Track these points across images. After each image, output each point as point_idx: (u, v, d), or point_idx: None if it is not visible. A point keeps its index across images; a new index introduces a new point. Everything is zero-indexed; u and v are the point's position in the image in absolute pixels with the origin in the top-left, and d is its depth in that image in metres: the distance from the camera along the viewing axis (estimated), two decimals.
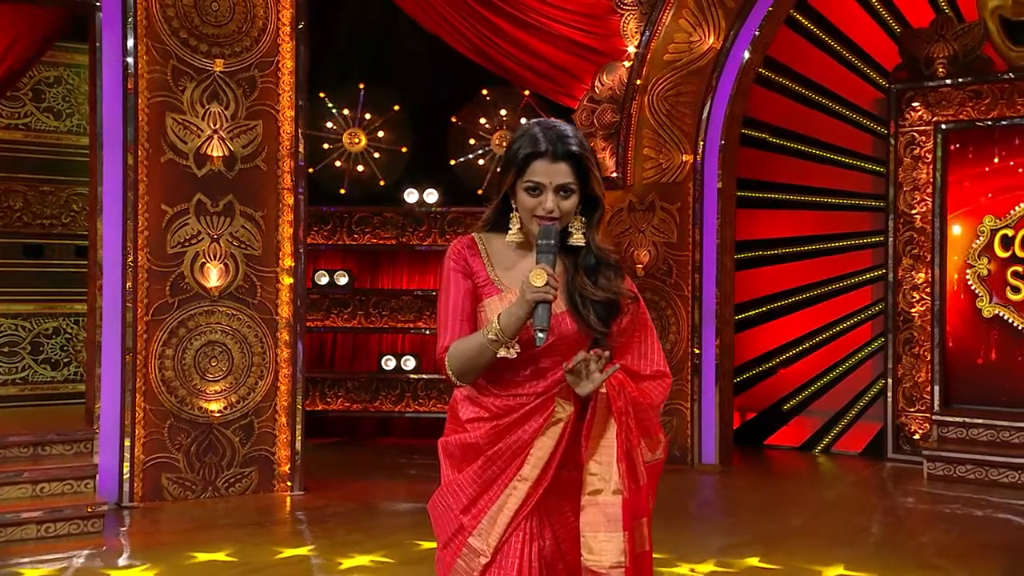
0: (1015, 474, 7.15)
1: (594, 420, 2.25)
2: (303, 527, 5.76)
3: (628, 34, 7.87)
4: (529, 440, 2.27)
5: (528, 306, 2.16)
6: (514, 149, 2.31)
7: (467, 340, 2.28)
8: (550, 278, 2.15)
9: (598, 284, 2.32)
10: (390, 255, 8.88)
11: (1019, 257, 7.76)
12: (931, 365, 7.95)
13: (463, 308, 2.34)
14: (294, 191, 6.66)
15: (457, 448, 2.34)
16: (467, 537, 2.28)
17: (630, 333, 2.38)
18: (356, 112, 8.70)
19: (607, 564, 2.21)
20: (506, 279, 2.33)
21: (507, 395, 2.30)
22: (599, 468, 2.25)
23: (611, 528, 2.22)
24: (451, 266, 2.38)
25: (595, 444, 2.25)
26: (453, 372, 2.29)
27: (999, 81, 7.75)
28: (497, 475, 2.28)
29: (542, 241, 2.23)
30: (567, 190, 2.26)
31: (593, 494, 2.24)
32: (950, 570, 5.00)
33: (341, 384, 8.60)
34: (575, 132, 2.32)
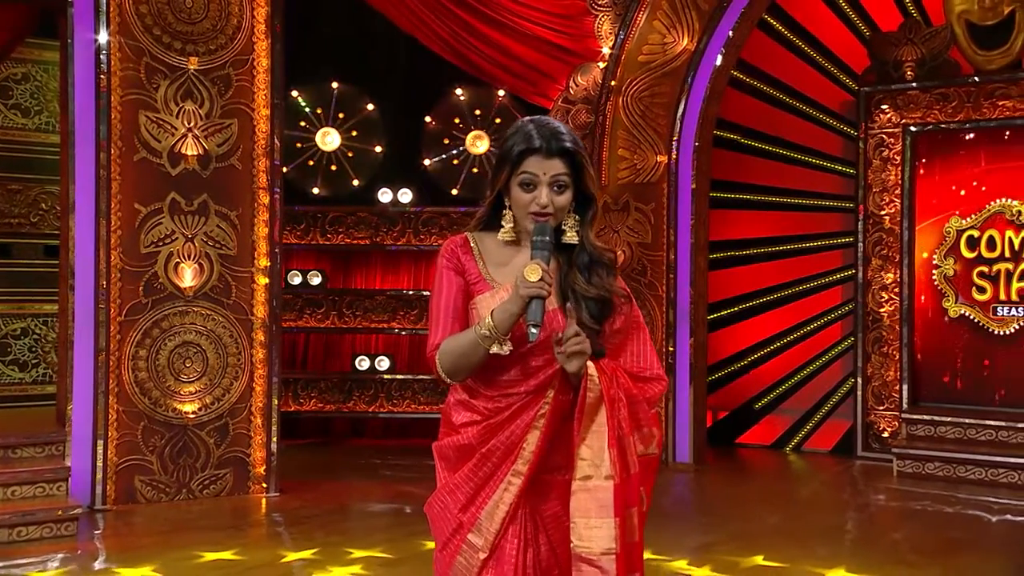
0: (982, 471, 7.26)
1: (584, 403, 2.22)
2: (281, 529, 5.71)
3: (602, 35, 7.89)
4: (521, 435, 2.26)
5: (522, 301, 2.15)
6: (508, 146, 2.30)
7: (459, 337, 2.26)
8: (544, 273, 2.14)
9: (591, 282, 2.31)
10: (363, 255, 8.83)
11: (985, 258, 7.89)
12: (899, 364, 8.06)
13: (455, 306, 2.33)
14: (270, 191, 6.59)
15: (452, 450, 2.34)
16: (466, 534, 2.28)
17: (624, 334, 2.37)
18: (329, 111, 8.63)
19: (598, 550, 2.18)
20: (498, 276, 2.31)
21: (499, 395, 2.29)
22: (590, 453, 2.22)
23: (602, 514, 2.19)
24: (444, 264, 2.37)
25: (586, 429, 2.23)
26: (444, 369, 2.28)
27: (965, 84, 7.87)
28: (492, 472, 2.28)
29: (536, 237, 2.22)
30: (561, 185, 2.26)
31: (584, 479, 2.22)
32: (924, 566, 5.07)
33: (314, 385, 8.53)
34: (568, 129, 2.32)
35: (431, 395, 8.44)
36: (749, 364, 8.75)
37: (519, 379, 2.28)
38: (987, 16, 7.80)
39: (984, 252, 7.90)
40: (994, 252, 7.87)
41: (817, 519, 6.15)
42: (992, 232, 7.87)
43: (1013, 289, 7.80)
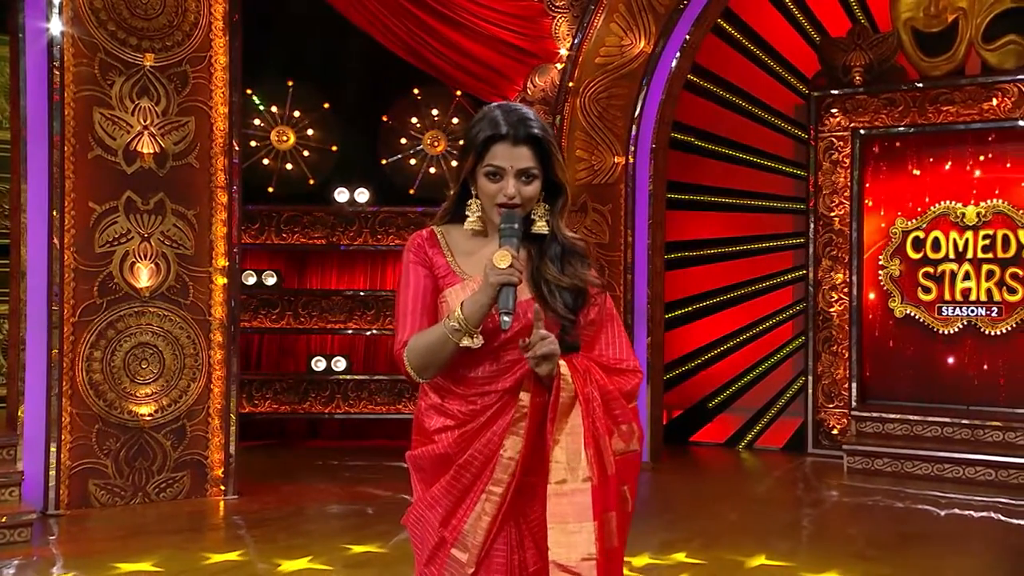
0: (928, 466, 7.44)
1: (558, 404, 2.13)
2: (242, 532, 5.61)
3: (560, 36, 7.91)
4: (499, 442, 2.16)
5: (492, 290, 2.06)
6: (474, 133, 2.22)
7: (427, 332, 2.17)
8: (515, 260, 2.06)
9: (565, 272, 2.22)
10: (319, 255, 8.74)
11: (930, 259, 8.09)
12: (849, 363, 8.22)
13: (423, 301, 2.24)
14: (228, 190, 6.49)
15: (427, 461, 2.24)
16: (450, 549, 2.20)
17: (599, 325, 2.29)
18: (284, 109, 8.53)
19: (577, 557, 2.08)
20: (468, 267, 2.23)
21: (474, 395, 2.20)
22: (564, 455, 2.13)
23: (580, 518, 2.10)
24: (410, 259, 2.28)
25: (560, 430, 2.14)
26: (412, 367, 2.18)
27: (911, 90, 8.05)
28: (471, 483, 2.19)
29: (504, 225, 2.13)
30: (529, 175, 2.18)
31: (559, 483, 2.12)
32: (881, 560, 5.18)
33: (269, 386, 8.43)
34: (536, 116, 2.24)
35: (388, 395, 8.40)
36: (703, 363, 8.85)
37: (493, 376, 2.20)
38: (932, 23, 7.99)
39: (929, 253, 8.10)
40: (939, 253, 8.07)
41: (775, 515, 6.24)
42: (937, 233, 8.07)
43: (957, 289, 8.01)
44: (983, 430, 7.50)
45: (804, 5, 8.48)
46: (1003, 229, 7.86)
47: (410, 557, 4.99)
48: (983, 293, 7.94)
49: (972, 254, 7.96)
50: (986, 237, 7.92)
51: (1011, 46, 7.74)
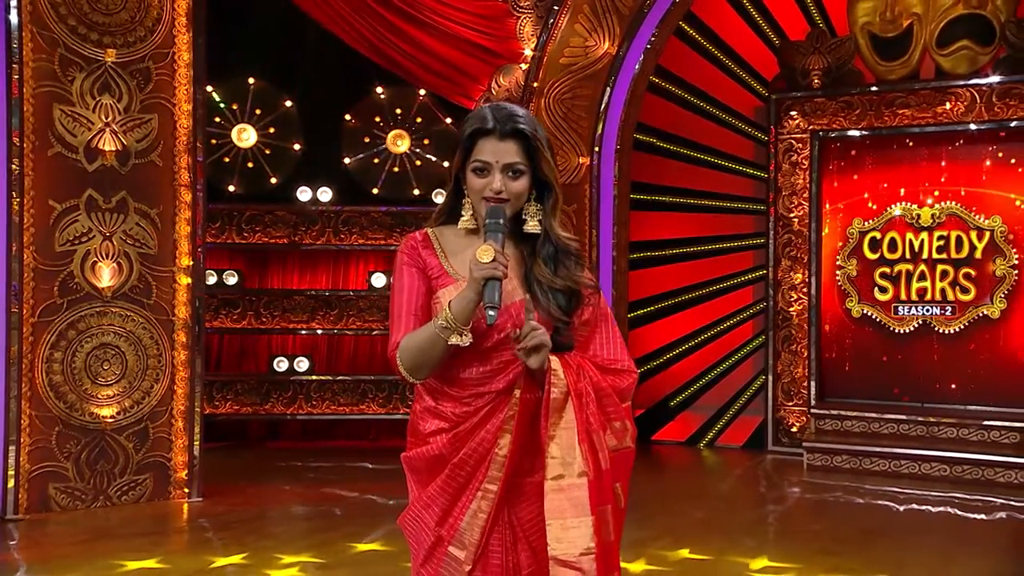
0: (886, 463, 7.59)
1: (550, 399, 2.13)
2: (210, 535, 5.55)
3: (524, 37, 7.94)
4: (493, 440, 2.17)
5: (477, 285, 2.05)
6: (463, 128, 2.24)
7: (418, 332, 2.16)
8: (498, 254, 2.05)
9: (558, 273, 2.22)
10: (280, 254, 8.67)
11: (887, 259, 8.26)
12: (808, 361, 8.36)
13: (417, 303, 2.23)
14: (192, 188, 6.41)
15: (422, 462, 2.25)
16: (447, 547, 2.20)
17: (592, 326, 2.29)
18: (245, 107, 8.44)
19: (576, 551, 2.08)
20: (460, 267, 2.21)
21: (468, 396, 2.20)
22: (560, 451, 2.13)
23: (578, 513, 2.10)
24: (403, 260, 2.27)
25: (554, 426, 2.14)
26: (405, 367, 2.18)
27: (868, 93, 8.21)
28: (466, 482, 2.19)
29: (489, 220, 2.13)
30: (516, 171, 2.18)
31: (556, 479, 2.12)
32: (846, 555, 5.27)
33: (230, 387, 8.33)
34: (526, 113, 2.24)
35: (351, 396, 8.35)
36: (664, 362, 8.94)
37: (487, 377, 2.20)
38: (888, 28, 8.16)
39: (886, 253, 8.27)
40: (895, 253, 8.24)
41: (740, 512, 6.33)
42: (893, 234, 8.24)
43: (913, 289, 8.19)
44: (937, 427, 7.67)
45: (764, 9, 8.61)
46: (956, 230, 8.05)
47: (381, 558, 5.00)
48: (937, 293, 8.12)
49: (927, 255, 8.14)
50: (940, 238, 8.10)
51: (963, 51, 7.92)
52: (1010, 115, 7.78)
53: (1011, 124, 7.80)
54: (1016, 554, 5.40)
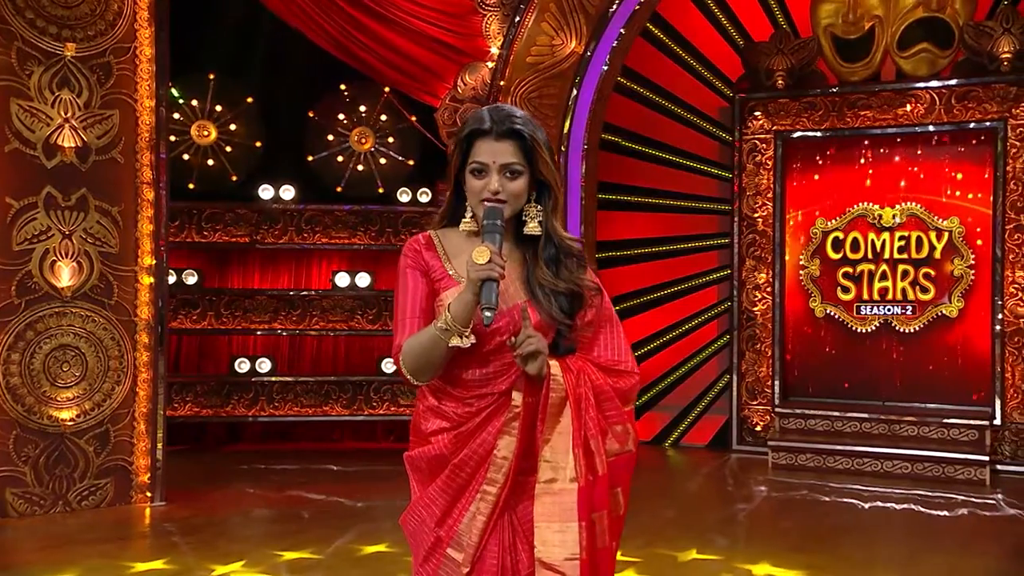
0: (849, 461, 7.73)
1: (548, 403, 2.16)
2: (176, 539, 5.48)
3: (491, 35, 7.94)
4: (493, 443, 2.19)
5: (475, 286, 2.06)
6: (460, 130, 2.26)
7: (419, 335, 2.18)
8: (494, 255, 2.06)
9: (560, 275, 2.23)
10: (240, 253, 8.59)
11: (849, 259, 8.41)
12: (772, 361, 8.48)
13: (420, 306, 2.25)
14: (155, 185, 6.33)
15: (424, 462, 2.27)
16: (446, 548, 2.22)
17: (596, 327, 2.31)
18: (205, 103, 8.35)
19: (560, 557, 2.13)
20: (463, 269, 2.19)
21: (470, 397, 2.22)
22: (553, 455, 2.17)
23: (565, 518, 2.14)
24: (406, 263, 2.29)
25: (550, 430, 2.17)
26: (407, 369, 2.20)
27: (830, 94, 8.35)
28: (466, 483, 2.21)
29: (487, 221, 2.15)
30: (513, 171, 2.19)
31: (548, 483, 2.16)
32: (817, 552, 5.37)
33: (189, 388, 8.23)
34: (524, 115, 2.25)
35: (314, 397, 8.30)
36: None
37: (489, 378, 2.21)
38: (850, 30, 8.31)
39: (848, 254, 8.42)
40: (858, 254, 8.40)
41: (710, 511, 6.41)
42: (855, 234, 8.40)
43: (875, 289, 8.35)
44: (899, 425, 7.83)
45: (728, 9, 8.71)
46: (917, 231, 8.22)
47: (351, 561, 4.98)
48: (898, 292, 8.29)
49: (888, 255, 8.30)
50: (901, 238, 8.27)
51: (924, 54, 8.09)
52: (968, 117, 7.96)
53: (969, 126, 7.98)
54: (980, 550, 5.53)
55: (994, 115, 7.87)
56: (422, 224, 8.35)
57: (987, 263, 7.94)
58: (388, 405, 8.31)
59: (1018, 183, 7.80)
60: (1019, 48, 7.70)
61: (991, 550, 5.55)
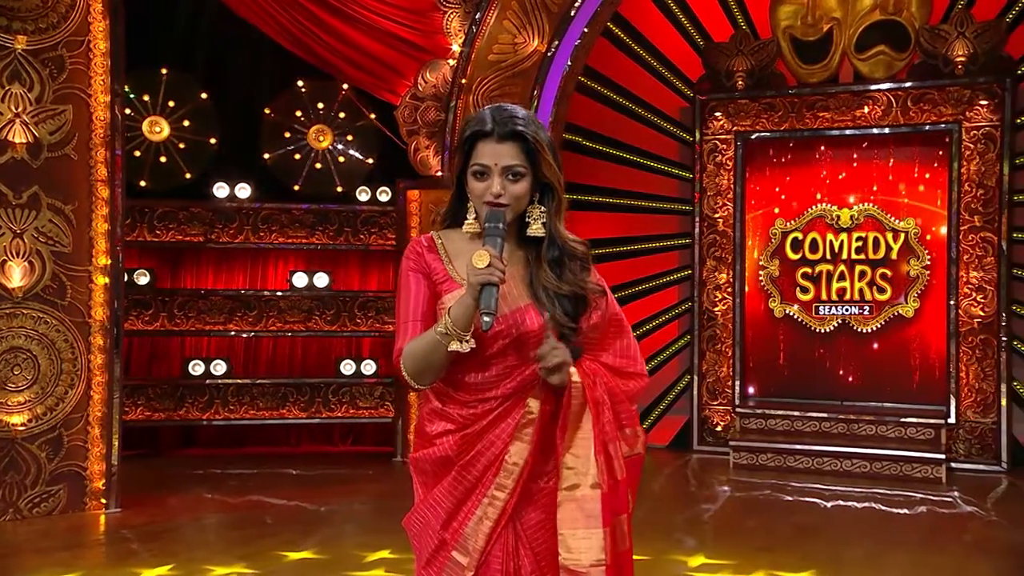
0: (809, 460, 7.87)
1: (569, 410, 2.18)
2: (136, 546, 5.40)
3: (452, 32, 7.94)
4: (503, 447, 2.20)
5: (474, 291, 2.07)
6: (462, 131, 2.26)
7: (420, 338, 2.19)
8: (494, 259, 2.07)
9: (564, 278, 2.25)
10: (193, 252, 8.48)
11: (808, 259, 8.56)
12: (732, 361, 8.61)
13: (422, 309, 2.26)
14: (110, 183, 6.23)
15: (429, 464, 2.28)
16: (450, 552, 2.23)
17: (603, 329, 2.32)
18: (157, 99, 8.23)
19: (587, 563, 2.14)
20: (464, 271, 2.19)
21: (474, 401, 2.23)
22: (576, 461, 2.19)
23: (590, 524, 2.16)
24: (408, 266, 2.30)
25: (571, 436, 2.19)
26: (409, 374, 2.21)
27: (789, 95, 8.49)
28: (473, 486, 2.22)
29: (488, 224, 2.16)
30: (515, 173, 2.20)
31: (570, 489, 2.18)
32: (783, 551, 5.47)
33: (140, 392, 8.10)
34: (527, 115, 2.25)
35: (271, 400, 8.22)
36: None
37: (493, 382, 2.22)
38: (809, 32, 8.46)
39: (807, 254, 8.57)
40: (816, 254, 8.55)
41: (676, 512, 6.47)
42: (814, 235, 8.56)
43: (833, 289, 8.51)
44: (857, 424, 8.00)
45: (689, 10, 8.81)
46: (874, 231, 8.40)
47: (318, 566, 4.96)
48: (856, 293, 8.46)
49: (846, 255, 8.47)
50: (859, 239, 8.45)
51: (881, 56, 8.27)
52: (924, 119, 8.15)
53: (925, 128, 8.17)
54: (941, 547, 5.68)
55: (949, 118, 8.07)
56: (381, 223, 8.33)
57: (942, 264, 8.14)
58: (347, 408, 8.27)
59: (972, 185, 8.01)
60: (973, 52, 7.91)
61: (952, 547, 5.69)
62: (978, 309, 7.98)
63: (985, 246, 7.98)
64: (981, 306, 7.97)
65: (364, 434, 8.71)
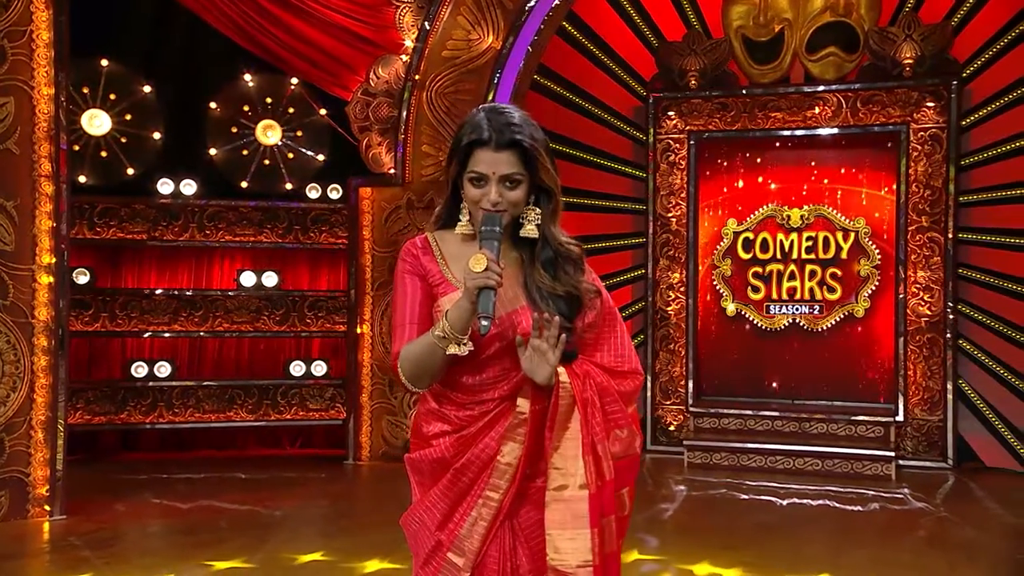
0: (762, 458, 8.05)
1: (557, 411, 2.21)
2: (87, 553, 5.31)
3: (405, 27, 7.95)
4: (496, 447, 2.24)
5: (472, 294, 2.11)
6: (458, 137, 2.28)
7: (417, 342, 2.23)
8: (491, 263, 2.10)
9: (558, 279, 2.28)
10: (135, 251, 8.34)
11: (759, 259, 8.74)
12: (685, 360, 8.75)
13: (419, 311, 2.29)
14: (54, 179, 6.11)
15: (426, 464, 2.31)
16: (446, 553, 2.26)
17: (598, 329, 2.35)
18: (97, 91, 8.08)
19: (574, 563, 2.18)
20: (461, 273, 2.23)
21: (471, 402, 2.27)
22: (563, 462, 2.21)
23: (577, 525, 2.19)
24: (403, 268, 2.32)
25: (559, 437, 2.22)
26: (406, 376, 2.24)
27: (741, 95, 8.66)
28: (468, 488, 2.26)
29: (485, 228, 2.19)
30: (513, 180, 2.23)
31: (558, 490, 2.21)
32: (744, 549, 5.59)
33: (80, 395, 7.94)
34: (523, 119, 2.27)
35: (217, 403, 8.13)
36: None
37: (489, 384, 2.26)
38: (760, 32, 8.64)
39: (758, 254, 8.75)
40: (767, 254, 8.74)
41: (636, 511, 6.50)
42: (765, 235, 8.74)
43: (783, 288, 8.70)
44: (809, 423, 8.20)
45: (642, 9, 8.92)
46: (824, 231, 8.61)
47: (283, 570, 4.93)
48: (806, 292, 8.67)
49: (797, 255, 8.67)
50: (809, 239, 8.65)
51: (831, 58, 8.48)
52: (873, 121, 8.38)
53: (874, 129, 8.40)
54: (896, 543, 5.85)
55: (897, 119, 8.31)
56: (332, 222, 8.29)
57: (892, 263, 8.38)
58: (296, 410, 8.22)
59: (919, 185, 8.25)
60: (920, 54, 8.15)
61: (907, 543, 5.87)
62: (925, 308, 8.23)
63: (932, 246, 8.23)
64: (928, 305, 8.23)
65: (314, 437, 8.66)
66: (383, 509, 6.28)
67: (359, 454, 7.97)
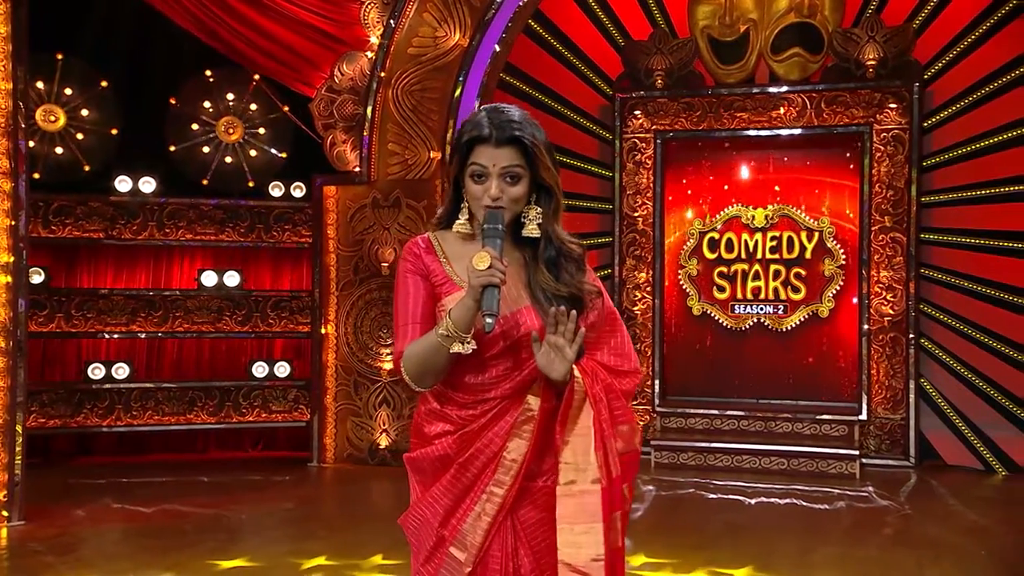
0: (729, 458, 8.17)
1: (571, 407, 2.24)
2: (51, 559, 5.25)
3: (370, 24, 7.95)
4: (501, 444, 2.26)
5: (475, 292, 2.13)
6: (459, 135, 2.32)
7: (421, 341, 2.25)
8: (494, 260, 2.12)
9: (560, 279, 2.31)
10: (90, 250, 8.26)
11: (724, 259, 8.87)
12: (652, 360, 8.85)
13: (422, 311, 2.31)
14: (13, 176, 6.04)
15: (428, 462, 2.33)
16: (448, 547, 2.28)
17: (599, 328, 2.38)
18: (53, 86, 7.99)
19: (585, 558, 2.20)
20: (464, 273, 2.24)
21: (473, 402, 2.30)
22: (574, 457, 2.24)
23: (589, 520, 2.21)
24: (406, 267, 2.35)
25: (570, 432, 2.25)
26: (409, 375, 2.26)
27: (707, 95, 8.78)
28: (472, 483, 2.28)
29: (487, 225, 2.21)
30: (513, 176, 2.27)
31: (568, 484, 2.23)
32: (717, 548, 5.69)
33: (34, 397, 7.83)
34: (524, 117, 2.31)
35: (177, 404, 8.08)
36: None
37: (492, 382, 2.29)
38: (726, 32, 8.76)
39: (723, 253, 8.88)
40: (732, 253, 8.87)
41: None
42: (730, 235, 8.87)
43: (748, 288, 8.84)
44: (774, 422, 8.34)
45: (608, 8, 9.01)
46: (788, 231, 8.76)
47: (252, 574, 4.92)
48: (771, 292, 8.81)
49: (761, 255, 8.81)
50: (773, 239, 8.80)
51: (795, 58, 8.63)
52: (837, 121, 8.54)
53: (837, 130, 8.56)
54: (863, 540, 5.98)
55: (860, 120, 8.48)
56: (295, 220, 8.27)
57: (856, 263, 8.55)
58: (259, 412, 8.19)
59: (882, 186, 8.43)
60: (883, 56, 8.32)
61: (874, 540, 6.01)
62: (888, 308, 8.41)
63: (895, 246, 8.41)
64: (891, 305, 8.41)
65: (276, 439, 8.64)
66: (349, 512, 6.29)
67: (323, 456, 7.96)
